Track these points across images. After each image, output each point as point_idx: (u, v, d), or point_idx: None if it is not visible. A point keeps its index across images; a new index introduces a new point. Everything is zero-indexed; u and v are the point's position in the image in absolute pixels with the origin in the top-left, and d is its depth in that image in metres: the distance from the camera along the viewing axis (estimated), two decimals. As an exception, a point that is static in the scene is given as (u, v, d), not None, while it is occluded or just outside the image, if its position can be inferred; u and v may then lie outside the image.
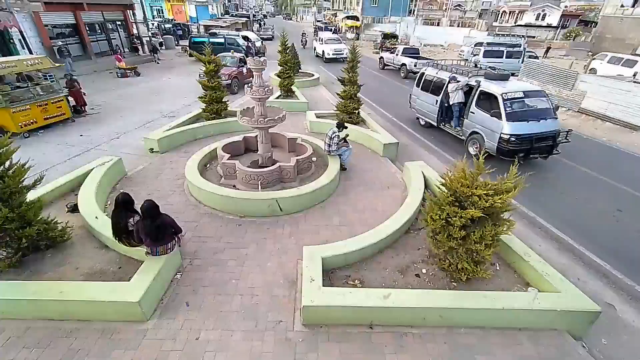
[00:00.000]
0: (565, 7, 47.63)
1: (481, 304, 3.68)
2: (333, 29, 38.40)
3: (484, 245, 3.82)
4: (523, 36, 29.43)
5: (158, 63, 20.30)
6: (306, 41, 32.28)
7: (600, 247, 5.49)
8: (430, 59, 26.75)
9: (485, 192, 3.68)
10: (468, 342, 3.63)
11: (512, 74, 19.50)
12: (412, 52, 20.62)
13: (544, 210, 6.42)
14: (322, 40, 25.29)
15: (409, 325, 3.75)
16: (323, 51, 24.34)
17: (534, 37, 39.35)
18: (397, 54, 20.70)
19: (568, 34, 39.84)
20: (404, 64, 19.65)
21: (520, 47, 21.09)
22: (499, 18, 53.57)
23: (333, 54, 23.62)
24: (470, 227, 3.89)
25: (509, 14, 52.08)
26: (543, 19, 46.65)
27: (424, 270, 4.45)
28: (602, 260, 5.18)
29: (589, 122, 12.07)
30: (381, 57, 22.80)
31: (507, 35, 31.04)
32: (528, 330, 3.77)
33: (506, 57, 20.53)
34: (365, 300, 3.66)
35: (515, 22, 48.89)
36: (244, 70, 15.03)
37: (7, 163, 4.00)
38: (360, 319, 3.73)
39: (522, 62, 18.42)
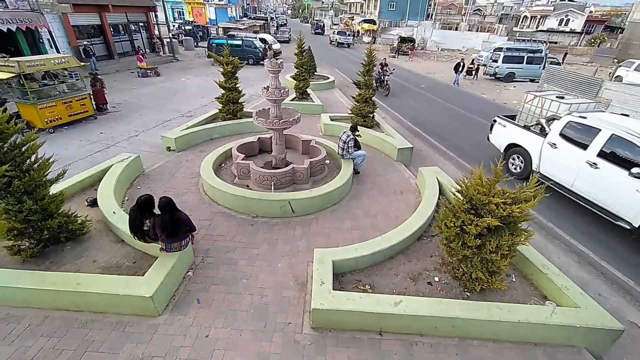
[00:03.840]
0: (590, 12, 46.23)
1: (495, 316, 3.57)
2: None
3: (500, 256, 3.72)
4: (545, 42, 28.70)
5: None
6: (389, 81, 15.46)
7: (623, 261, 5.26)
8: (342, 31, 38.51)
9: (503, 200, 3.59)
10: (481, 354, 3.53)
11: (532, 80, 19.24)
12: (342, 32, 36.85)
13: (564, 222, 6.20)
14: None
15: (419, 334, 3.68)
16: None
17: (556, 42, 38.34)
18: (333, 33, 38.09)
19: (592, 40, 38.63)
20: (336, 38, 35.68)
21: (541, 52, 20.60)
22: (519, 23, 52.46)
23: None
24: (486, 236, 3.79)
25: (530, 19, 50.92)
26: (566, 24, 45.40)
27: (436, 279, 4.36)
28: (626, 276, 4.96)
29: (613, 131, 11.61)
30: (332, 41, 37.03)
31: (528, 40, 30.36)
32: (544, 346, 3.64)
33: (526, 63, 20.10)
34: (376, 306, 3.61)
35: (536, 28, 47.73)
36: None
37: (33, 157, 4.16)
38: (369, 325, 3.68)
39: (543, 68, 17.96)
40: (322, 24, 51.93)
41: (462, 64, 19.15)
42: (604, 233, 5.95)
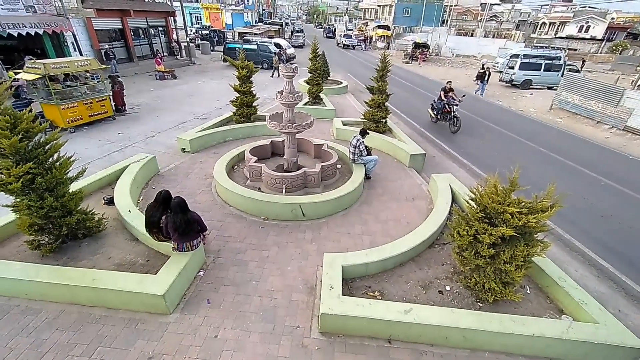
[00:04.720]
0: (612, 19, 44.99)
1: (509, 329, 3.47)
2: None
3: (515, 266, 3.63)
4: (563, 48, 28.09)
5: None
6: (457, 112, 11.04)
7: (645, 277, 5.05)
8: (352, 35, 41.88)
9: (518, 210, 3.51)
10: (493, 367, 3.44)
11: (550, 88, 18.77)
12: (348, 36, 40.82)
13: (582, 233, 6.01)
14: None
15: (429, 344, 3.62)
16: None
17: (575, 49, 37.44)
18: (339, 36, 42.65)
19: (614, 47, 37.55)
20: (342, 41, 39.29)
21: (560, 59, 20.15)
22: (537, 29, 51.50)
23: None
24: (500, 246, 3.71)
25: (549, 25, 49.92)
26: (586, 31, 44.30)
27: (447, 287, 4.28)
28: (648, 292, 4.76)
29: (635, 141, 11.23)
30: (339, 44, 40.49)
31: (545, 47, 29.77)
32: (560, 362, 3.52)
33: (544, 70, 19.69)
34: (385, 313, 3.57)
35: (555, 34, 46.76)
36: None
37: (55, 155, 4.32)
38: (378, 332, 3.64)
39: (561, 76, 17.55)
40: (333, 29, 56.46)
41: (488, 72, 16.71)
42: (624, 246, 5.74)
